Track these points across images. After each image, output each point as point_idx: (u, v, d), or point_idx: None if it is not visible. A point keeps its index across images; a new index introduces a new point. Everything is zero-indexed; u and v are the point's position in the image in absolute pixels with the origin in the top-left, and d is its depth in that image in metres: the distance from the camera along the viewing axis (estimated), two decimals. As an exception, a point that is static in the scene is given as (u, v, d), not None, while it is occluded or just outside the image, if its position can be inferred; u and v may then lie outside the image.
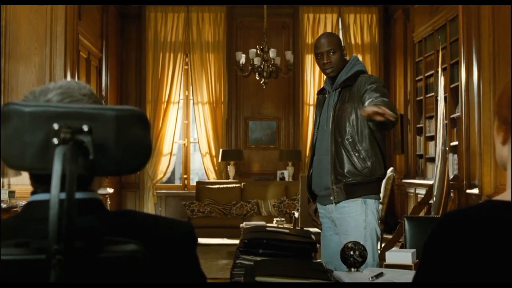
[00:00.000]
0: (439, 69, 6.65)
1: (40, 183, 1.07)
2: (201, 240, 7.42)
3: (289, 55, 8.44)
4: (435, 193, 5.87)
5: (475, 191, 6.15)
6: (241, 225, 6.34)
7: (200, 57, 9.38)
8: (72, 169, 0.93)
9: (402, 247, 4.94)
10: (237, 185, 8.95)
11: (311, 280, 2.03)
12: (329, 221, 3.19)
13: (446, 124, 6.57)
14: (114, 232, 1.03)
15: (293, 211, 6.98)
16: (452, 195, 6.34)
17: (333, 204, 3.10)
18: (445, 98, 6.83)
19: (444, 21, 7.44)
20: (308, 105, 9.45)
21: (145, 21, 9.41)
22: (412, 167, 8.52)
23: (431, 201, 6.11)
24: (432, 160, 7.43)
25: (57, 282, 0.90)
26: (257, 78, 8.22)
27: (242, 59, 8.34)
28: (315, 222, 3.27)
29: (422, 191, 7.46)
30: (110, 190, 8.02)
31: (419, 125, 8.39)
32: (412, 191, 8.33)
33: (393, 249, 4.31)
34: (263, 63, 8.09)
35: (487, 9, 6.06)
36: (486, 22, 6.06)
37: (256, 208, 8.63)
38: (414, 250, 2.54)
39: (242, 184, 8.98)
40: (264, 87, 8.33)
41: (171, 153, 9.36)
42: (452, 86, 7.10)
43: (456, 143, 6.97)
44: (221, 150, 9.14)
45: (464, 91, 6.50)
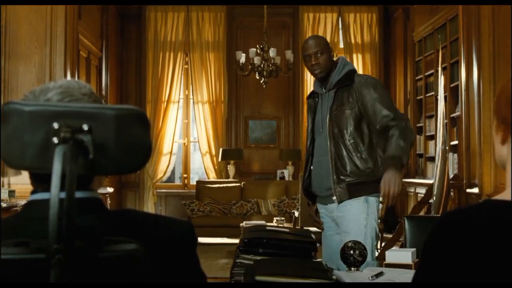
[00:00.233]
0: (439, 69, 6.64)
1: (40, 182, 1.07)
2: (201, 240, 7.41)
3: (289, 55, 8.43)
4: (435, 193, 5.87)
5: (475, 190, 6.15)
6: (241, 224, 6.34)
7: (200, 56, 9.38)
8: (72, 168, 0.93)
9: (402, 246, 4.94)
10: (237, 184, 8.95)
11: (311, 279, 2.03)
12: (330, 220, 3.19)
13: (446, 123, 6.56)
14: (114, 232, 1.03)
15: (293, 211, 6.98)
16: (452, 194, 6.34)
17: (334, 204, 3.11)
18: (445, 97, 6.83)
19: (444, 20, 7.44)
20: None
21: (145, 20, 9.40)
22: (412, 167, 8.52)
23: (431, 201, 6.11)
24: (432, 159, 7.43)
25: (57, 282, 0.90)
26: (257, 78, 8.22)
27: (242, 58, 8.33)
28: (317, 223, 3.28)
29: (422, 191, 7.46)
30: (110, 190, 8.02)
31: (419, 125, 8.39)
32: (412, 190, 8.32)
33: (393, 248, 4.31)
34: (263, 62, 8.09)
35: (487, 9, 6.06)
36: (486, 22, 6.06)
37: (256, 207, 8.63)
38: (414, 250, 2.54)
39: (242, 184, 8.98)
40: (264, 86, 8.33)
41: (171, 152, 9.36)
42: (452, 85, 7.10)
43: (456, 142, 6.97)
44: (221, 150, 9.14)
45: (464, 91, 6.50)
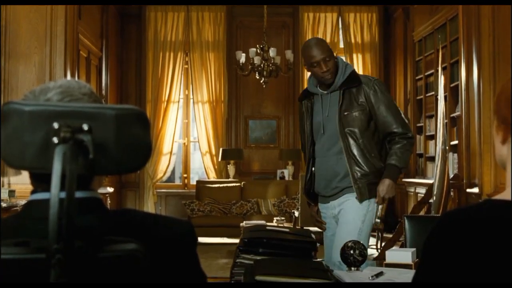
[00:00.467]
0: (439, 68, 6.64)
1: (40, 182, 1.07)
2: (201, 239, 7.41)
3: (289, 54, 8.43)
4: (435, 192, 5.87)
5: (475, 190, 6.15)
6: (241, 224, 6.34)
7: (200, 56, 9.37)
8: (72, 168, 0.93)
9: (402, 246, 4.94)
10: (237, 184, 8.95)
11: (311, 279, 2.03)
12: (331, 221, 3.21)
13: (446, 123, 6.56)
14: (114, 231, 1.03)
15: (293, 210, 6.99)
16: (452, 194, 6.34)
17: (336, 200, 3.17)
18: (445, 97, 6.82)
19: (444, 20, 7.44)
20: (308, 104, 9.43)
21: (145, 20, 9.40)
22: (412, 166, 8.52)
23: (431, 200, 6.11)
24: (432, 159, 7.43)
25: (57, 282, 0.89)
26: (257, 77, 8.22)
27: (242, 58, 8.33)
28: (319, 223, 3.28)
29: (422, 190, 7.46)
30: (110, 189, 8.02)
31: (419, 124, 8.39)
32: (412, 190, 8.32)
33: (393, 248, 4.31)
34: (263, 62, 8.08)
35: (487, 9, 6.06)
36: (486, 22, 6.06)
37: (256, 207, 8.63)
38: (414, 249, 2.54)
39: (242, 183, 8.98)
40: (264, 86, 8.33)
41: (171, 152, 9.36)
42: (452, 85, 7.10)
43: (456, 142, 6.97)
44: (221, 149, 9.14)
45: (464, 90, 6.50)
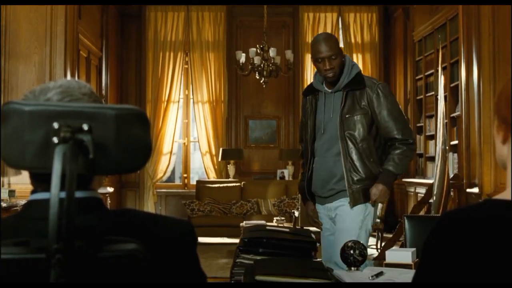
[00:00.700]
0: (439, 68, 6.64)
1: (40, 182, 1.07)
2: (201, 239, 7.41)
3: (289, 54, 8.43)
4: (435, 192, 5.87)
5: (475, 190, 6.15)
6: (241, 224, 6.34)
7: (200, 56, 9.37)
8: (72, 168, 0.93)
9: (402, 246, 4.94)
10: (237, 184, 8.95)
11: (311, 279, 2.03)
12: (328, 221, 3.18)
13: (446, 123, 6.56)
14: (114, 231, 1.03)
15: (293, 210, 6.98)
16: (452, 194, 6.34)
17: (331, 203, 3.11)
18: (445, 97, 6.82)
19: (444, 20, 7.44)
20: (308, 104, 9.44)
21: (145, 20, 9.40)
22: (412, 166, 8.52)
23: (431, 200, 6.11)
24: (432, 159, 7.43)
25: (57, 282, 0.89)
26: (257, 77, 8.22)
27: (242, 58, 8.33)
28: (316, 224, 3.26)
29: (422, 190, 7.45)
30: (110, 189, 8.02)
31: (419, 124, 8.39)
32: (412, 190, 8.32)
33: (393, 248, 4.31)
34: (263, 62, 8.08)
35: (487, 9, 6.06)
36: (486, 21, 6.06)
37: (256, 207, 8.63)
38: (414, 249, 2.54)
39: (242, 183, 8.98)
40: (264, 86, 8.33)
41: (171, 152, 9.36)
42: (452, 85, 7.10)
43: (456, 142, 6.97)
44: (221, 149, 9.14)
45: (464, 90, 6.50)
